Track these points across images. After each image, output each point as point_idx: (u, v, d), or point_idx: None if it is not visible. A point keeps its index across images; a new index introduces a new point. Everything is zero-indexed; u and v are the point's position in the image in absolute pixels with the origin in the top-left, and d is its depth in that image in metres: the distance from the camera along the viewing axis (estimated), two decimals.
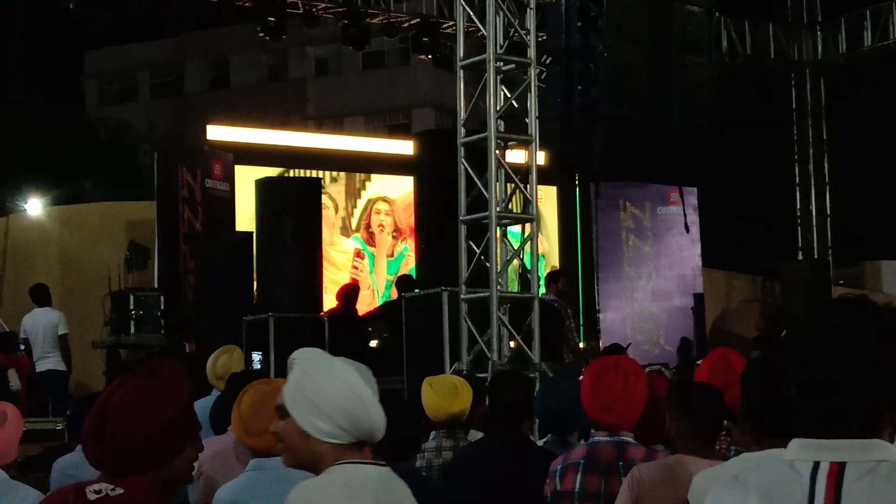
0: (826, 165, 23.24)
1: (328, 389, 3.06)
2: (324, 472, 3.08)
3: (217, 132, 19.78)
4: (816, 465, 2.31)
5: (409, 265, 18.75)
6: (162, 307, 15.13)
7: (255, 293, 14.68)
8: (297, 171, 19.23)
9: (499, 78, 11.58)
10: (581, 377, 5.24)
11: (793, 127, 23.36)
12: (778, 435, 3.29)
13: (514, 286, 13.43)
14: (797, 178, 23.36)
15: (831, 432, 2.31)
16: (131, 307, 14.96)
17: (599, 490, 4.95)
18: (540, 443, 6.32)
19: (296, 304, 13.54)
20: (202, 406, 8.19)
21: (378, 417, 3.12)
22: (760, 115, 24.11)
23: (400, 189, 20.12)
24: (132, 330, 15.00)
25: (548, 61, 11.34)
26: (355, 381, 3.11)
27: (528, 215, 11.68)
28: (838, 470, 2.29)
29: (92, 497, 2.79)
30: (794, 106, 23.37)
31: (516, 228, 12.21)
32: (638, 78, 10.86)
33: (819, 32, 22.91)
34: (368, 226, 20.41)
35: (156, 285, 16.69)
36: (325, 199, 17.69)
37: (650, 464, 4.70)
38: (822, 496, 2.27)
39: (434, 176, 13.55)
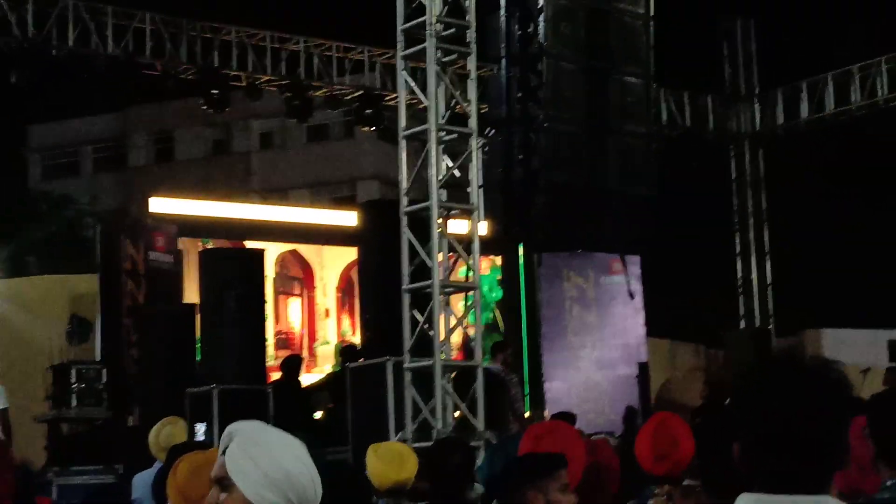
0: (766, 235, 23.53)
1: (280, 460, 3.02)
2: None
3: (160, 204, 19.72)
4: None
5: None
6: (104, 380, 14.98)
7: (199, 365, 14.59)
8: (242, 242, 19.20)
9: (441, 148, 11.68)
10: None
11: (732, 197, 23.66)
12: (730, 495, 3.33)
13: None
14: (738, 248, 23.63)
15: (781, 488, 2.34)
16: (73, 380, 14.79)
17: None
18: None
19: (240, 376, 13.45)
20: (145, 478, 8.15)
21: (318, 488, 3.09)
22: (700, 185, 24.38)
23: None
24: (74, 403, 14.82)
25: (490, 133, 11.47)
26: (302, 452, 3.07)
27: (471, 284, 11.73)
28: None
29: None
30: (733, 176, 23.70)
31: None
32: (578, 147, 11.02)
33: (757, 104, 23.29)
34: None
35: (98, 358, 16.53)
36: None
37: None
38: None
39: (378, 246, 13.58)
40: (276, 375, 15.32)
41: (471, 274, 12.00)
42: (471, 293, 12.07)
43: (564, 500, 4.62)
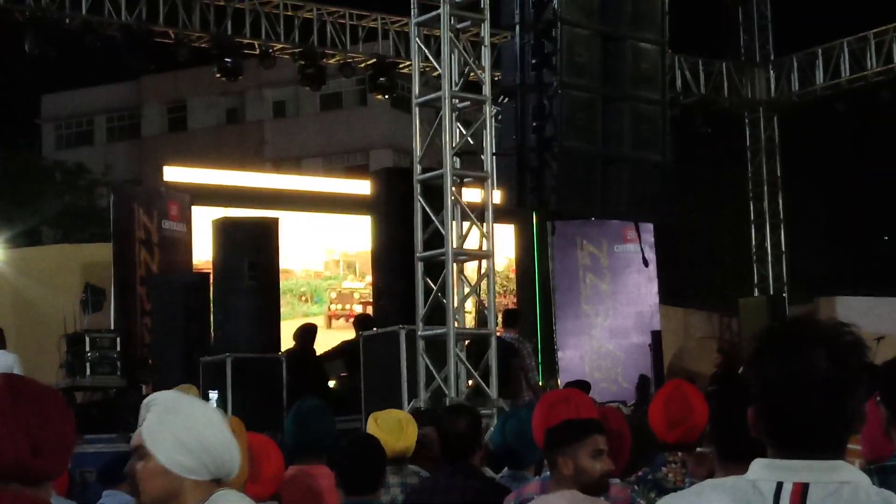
0: (781, 202, 23.45)
1: (194, 426, 3.10)
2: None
3: (174, 173, 19.73)
4: (780, 485, 2.30)
5: None
6: (118, 349, 15.01)
7: (213, 334, 14.60)
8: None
9: (454, 115, 11.63)
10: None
11: (747, 164, 23.58)
12: (744, 461, 3.32)
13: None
14: (752, 215, 23.56)
15: (795, 453, 2.31)
16: (87, 349, 14.82)
17: None
18: (496, 477, 6.30)
19: (253, 345, 13.47)
20: None
21: (236, 456, 3.17)
22: (715, 153, 24.31)
23: None
24: (88, 372, 14.85)
25: (504, 101, 11.40)
26: (219, 420, 3.16)
27: (485, 252, 11.71)
28: (802, 490, 2.28)
29: None
30: (747, 143, 23.60)
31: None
32: (592, 114, 10.94)
33: (772, 70, 23.16)
34: None
35: (112, 327, 16.57)
36: None
37: None
38: None
39: (391, 214, 13.56)
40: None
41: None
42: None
43: (596, 466, 4.56)
